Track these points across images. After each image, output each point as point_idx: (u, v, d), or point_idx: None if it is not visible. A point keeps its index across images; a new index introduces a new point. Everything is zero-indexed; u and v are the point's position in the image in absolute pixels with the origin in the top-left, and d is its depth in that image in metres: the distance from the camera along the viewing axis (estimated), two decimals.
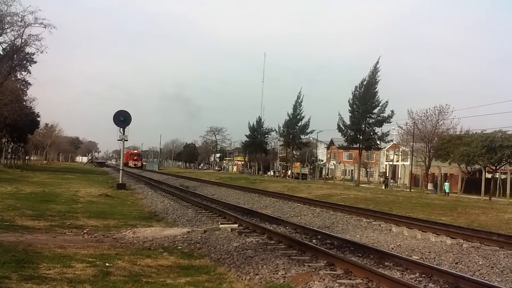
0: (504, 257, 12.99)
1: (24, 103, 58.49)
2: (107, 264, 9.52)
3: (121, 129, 34.73)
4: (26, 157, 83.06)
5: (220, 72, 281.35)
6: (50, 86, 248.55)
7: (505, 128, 46.97)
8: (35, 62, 60.53)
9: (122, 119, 34.51)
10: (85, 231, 13.90)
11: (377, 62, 60.35)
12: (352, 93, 61.91)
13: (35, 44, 54.87)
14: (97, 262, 9.59)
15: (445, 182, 50.01)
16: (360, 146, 62.60)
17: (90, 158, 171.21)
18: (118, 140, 35.46)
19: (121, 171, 37.85)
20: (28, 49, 58.46)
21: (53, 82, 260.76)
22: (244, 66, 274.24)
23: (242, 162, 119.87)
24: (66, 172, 58.71)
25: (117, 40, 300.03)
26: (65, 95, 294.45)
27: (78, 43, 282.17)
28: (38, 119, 72.04)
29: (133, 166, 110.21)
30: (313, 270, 9.69)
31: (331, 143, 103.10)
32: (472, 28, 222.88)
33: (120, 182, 34.87)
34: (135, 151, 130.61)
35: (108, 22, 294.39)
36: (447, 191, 47.89)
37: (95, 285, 7.91)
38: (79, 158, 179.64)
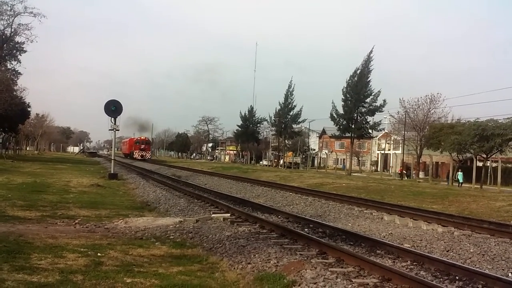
0: (495, 245, 13.10)
1: (15, 93, 58.06)
2: (99, 254, 9.50)
3: (112, 118, 34.60)
4: (17, 147, 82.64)
5: (211, 62, 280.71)
6: (41, 76, 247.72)
7: (497, 116, 47.23)
8: (25, 52, 60.30)
9: (113, 108, 34.38)
10: (76, 221, 13.85)
11: (371, 51, 60.38)
12: (346, 81, 61.98)
13: (24, 34, 54.74)
14: (89, 252, 9.56)
15: (458, 171, 46.77)
16: (352, 135, 62.71)
17: (81, 148, 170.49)
18: (110, 130, 35.34)
19: (112, 161, 37.72)
20: (17, 39, 58.28)
21: (44, 72, 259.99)
22: (236, 55, 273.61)
23: (234, 151, 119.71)
24: (58, 162, 58.44)
25: (108, 30, 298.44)
26: (56, 85, 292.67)
27: (69, 33, 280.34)
28: (29, 109, 71.53)
29: (139, 158, 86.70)
30: (305, 258, 9.71)
31: (323, 132, 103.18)
32: (463, 19, 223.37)
33: (112, 172, 34.78)
34: (142, 137, 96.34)
35: (99, 12, 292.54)
36: (460, 181, 44.56)
37: (87, 275, 7.89)
38: (70, 148, 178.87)
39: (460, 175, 45.38)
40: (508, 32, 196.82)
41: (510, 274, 10.05)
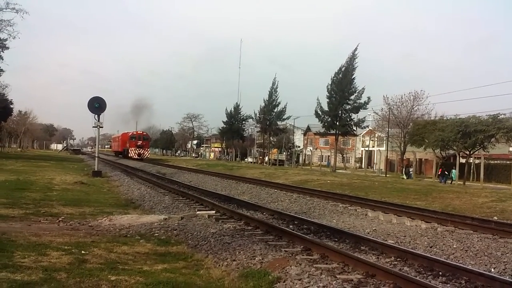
0: (477, 241, 13.22)
1: None
2: (83, 251, 9.44)
3: (96, 115, 34.33)
4: (0, 145, 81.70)
5: (195, 59, 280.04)
6: (24, 73, 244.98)
7: (479, 113, 47.56)
8: (8, 48, 59.50)
9: (96, 105, 34.08)
10: (60, 219, 13.75)
11: (356, 49, 60.20)
12: (331, 79, 62.01)
13: (7, 30, 53.93)
14: (73, 250, 9.50)
15: (453, 169, 45.92)
16: (337, 132, 62.84)
17: (65, 145, 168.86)
18: (93, 127, 35.07)
19: (96, 158, 37.44)
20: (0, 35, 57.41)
21: (27, 68, 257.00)
22: (221, 52, 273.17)
23: (219, 148, 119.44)
24: (41, 160, 57.92)
25: (91, 27, 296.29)
26: (39, 82, 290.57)
27: (52, 30, 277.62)
28: (11, 106, 70.86)
29: (136, 157, 72.85)
30: (290, 255, 9.74)
31: (308, 129, 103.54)
32: (445, 16, 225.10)
33: (95, 169, 34.54)
34: (139, 132, 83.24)
35: (82, 9, 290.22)
36: (454, 178, 44.20)
37: (71, 273, 7.83)
38: (54, 146, 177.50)
39: (453, 173, 45.31)
40: (490, 29, 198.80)
41: (492, 270, 10.17)
